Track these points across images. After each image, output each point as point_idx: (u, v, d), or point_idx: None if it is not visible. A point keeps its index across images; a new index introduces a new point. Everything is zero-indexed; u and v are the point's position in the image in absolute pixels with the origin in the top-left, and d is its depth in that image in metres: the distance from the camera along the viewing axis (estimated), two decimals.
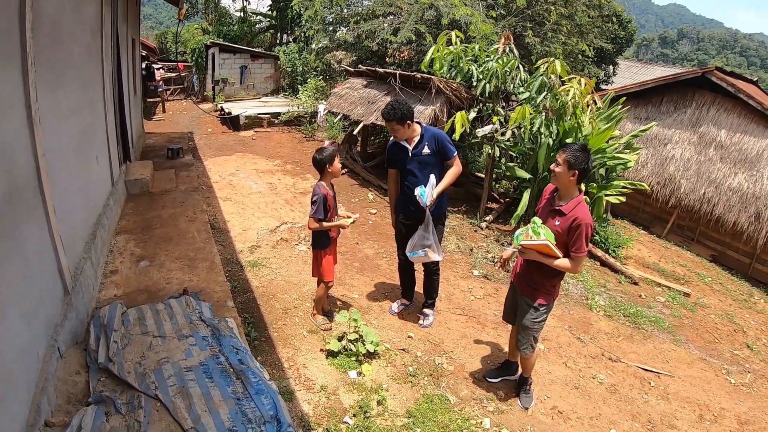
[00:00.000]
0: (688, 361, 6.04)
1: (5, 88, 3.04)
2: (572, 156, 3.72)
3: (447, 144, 4.90)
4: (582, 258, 3.79)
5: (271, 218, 8.42)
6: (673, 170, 11.92)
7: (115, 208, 6.79)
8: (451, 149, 4.92)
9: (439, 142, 4.89)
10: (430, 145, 4.90)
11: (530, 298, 4.14)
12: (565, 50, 15.88)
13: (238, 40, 26.18)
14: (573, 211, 3.77)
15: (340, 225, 4.87)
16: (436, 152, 4.91)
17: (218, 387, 3.50)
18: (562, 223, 3.79)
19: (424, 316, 5.68)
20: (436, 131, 4.99)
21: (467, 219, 9.48)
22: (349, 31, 15.79)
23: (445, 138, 4.92)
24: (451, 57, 9.64)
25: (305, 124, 16.34)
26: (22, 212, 3.19)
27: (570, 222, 3.74)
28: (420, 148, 4.93)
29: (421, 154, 4.93)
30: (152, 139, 13.11)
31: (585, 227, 3.69)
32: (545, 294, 4.10)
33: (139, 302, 4.78)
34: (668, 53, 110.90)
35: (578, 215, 3.72)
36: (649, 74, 27.41)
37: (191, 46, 26.18)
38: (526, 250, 3.93)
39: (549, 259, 3.86)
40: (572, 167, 3.73)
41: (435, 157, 4.92)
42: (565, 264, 3.82)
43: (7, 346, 2.72)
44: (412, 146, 4.97)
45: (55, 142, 4.08)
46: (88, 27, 5.68)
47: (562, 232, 3.79)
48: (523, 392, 4.61)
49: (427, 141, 4.92)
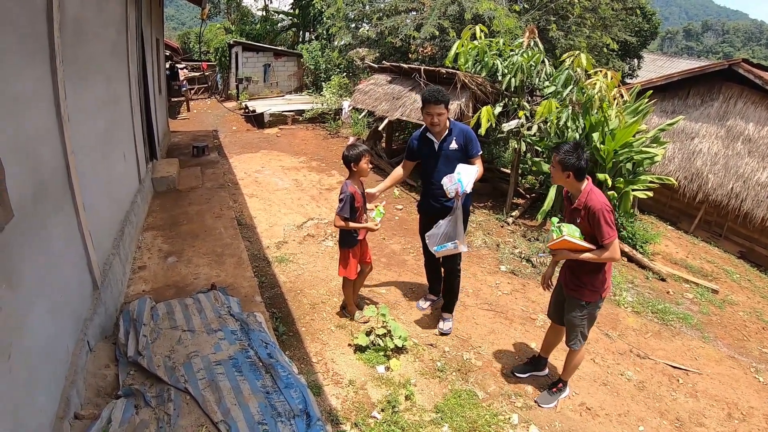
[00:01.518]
0: (716, 359, 5.92)
1: (34, 85, 3.07)
2: (563, 157, 3.70)
3: (474, 141, 4.78)
4: (612, 243, 3.69)
5: (297, 214, 8.43)
6: (701, 165, 11.69)
7: (143, 205, 6.85)
8: (477, 147, 4.81)
9: (467, 138, 4.76)
10: (458, 140, 4.77)
11: (577, 296, 4.05)
12: (590, 44, 15.74)
13: (260, 39, 26.30)
14: (584, 202, 3.73)
15: (367, 228, 4.85)
16: (463, 148, 4.77)
17: (247, 380, 3.50)
18: (582, 219, 3.77)
19: (443, 320, 5.43)
20: (465, 127, 4.84)
21: (493, 214, 9.41)
22: (371, 28, 15.80)
23: (473, 135, 4.78)
24: (475, 52, 9.56)
25: (329, 121, 16.37)
26: (51, 208, 3.21)
27: (586, 214, 3.72)
28: (448, 142, 4.79)
29: (448, 149, 4.78)
30: (177, 138, 13.22)
31: (600, 212, 3.63)
32: (592, 291, 3.99)
33: (167, 297, 4.81)
34: (693, 46, 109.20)
35: (589, 203, 3.68)
36: (674, 67, 26.99)
37: (214, 45, 26.35)
38: (555, 252, 3.95)
39: (576, 254, 3.81)
40: (566, 168, 3.72)
41: (461, 153, 4.77)
42: (597, 254, 3.74)
43: (34, 340, 2.74)
44: (439, 140, 4.82)
45: (84, 139, 4.11)
46: (113, 26, 5.73)
47: (587, 226, 3.76)
48: (549, 392, 4.50)
49: (455, 136, 4.77)
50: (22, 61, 2.88)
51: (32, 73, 3.04)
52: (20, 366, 2.51)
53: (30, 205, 2.81)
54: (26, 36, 2.93)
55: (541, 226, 8.85)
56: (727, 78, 11.87)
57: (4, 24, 2.61)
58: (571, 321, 4.15)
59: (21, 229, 2.64)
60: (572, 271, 4.05)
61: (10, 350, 2.41)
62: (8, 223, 2.41)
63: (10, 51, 2.66)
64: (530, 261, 7.49)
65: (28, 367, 2.63)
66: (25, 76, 2.90)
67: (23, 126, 2.82)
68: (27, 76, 2.94)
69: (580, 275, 3.99)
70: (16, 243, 2.58)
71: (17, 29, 2.79)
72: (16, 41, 2.75)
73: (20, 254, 2.63)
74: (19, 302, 2.58)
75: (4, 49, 2.57)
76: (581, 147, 3.74)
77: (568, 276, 4.12)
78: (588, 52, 14.09)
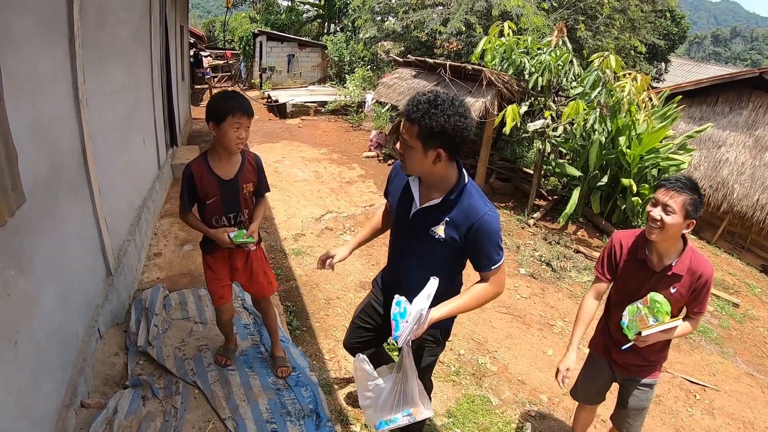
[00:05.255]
0: (734, 375, 5.75)
1: (52, 68, 3.01)
2: (692, 202, 2.56)
3: (488, 244, 2.38)
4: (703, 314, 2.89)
5: (316, 207, 8.37)
6: (727, 174, 11.46)
7: (161, 191, 6.81)
8: (493, 255, 2.40)
9: (475, 234, 2.36)
10: (456, 228, 2.39)
11: (645, 376, 3.12)
12: (617, 45, 15.56)
13: (285, 29, 26.30)
14: (691, 267, 2.70)
15: (216, 238, 3.15)
16: (463, 242, 2.41)
17: (258, 377, 3.43)
18: (681, 288, 2.74)
19: None
20: (480, 210, 2.36)
21: (515, 215, 9.28)
22: (397, 21, 15.71)
23: (490, 231, 2.36)
24: (503, 49, 9.43)
25: (352, 114, 16.34)
26: (66, 193, 3.16)
27: (693, 282, 2.71)
28: (433, 215, 2.44)
29: (427, 227, 2.45)
30: (199, 125, 13.23)
31: (711, 280, 2.73)
32: (660, 365, 3.15)
33: (182, 285, 4.77)
34: (720, 52, 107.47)
35: (701, 270, 2.69)
36: (702, 73, 26.49)
37: (239, 34, 26.43)
38: (647, 337, 2.75)
39: (670, 333, 2.79)
40: (690, 216, 2.59)
41: (455, 249, 2.46)
42: (686, 330, 2.87)
43: (43, 325, 2.68)
44: (422, 203, 2.48)
45: (102, 124, 4.06)
46: (136, 11, 5.68)
47: (681, 298, 2.76)
48: None
49: (453, 217, 2.39)
50: (41, 43, 2.82)
51: (51, 55, 2.98)
52: (28, 352, 2.46)
53: (44, 189, 2.75)
54: (45, 17, 2.87)
55: (562, 230, 8.72)
56: (757, 86, 11.67)
57: (24, 4, 2.55)
58: (641, 406, 3.21)
59: (34, 213, 2.58)
60: (641, 351, 2.94)
61: (17, 336, 2.35)
62: (20, 208, 2.35)
63: (28, 32, 2.59)
64: (550, 265, 7.36)
65: (36, 354, 2.57)
66: (43, 58, 2.84)
67: (40, 109, 2.76)
68: (45, 58, 2.88)
69: (648, 354, 2.99)
70: (28, 227, 2.52)
71: (36, 10, 2.73)
72: (34, 22, 2.68)
73: (32, 239, 2.58)
74: (29, 287, 2.53)
75: (22, 30, 2.51)
76: (697, 185, 2.65)
77: (631, 356, 3.01)
78: (615, 53, 13.90)
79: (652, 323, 2.70)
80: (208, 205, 3.03)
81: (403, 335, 2.32)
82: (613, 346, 3.09)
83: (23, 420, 2.38)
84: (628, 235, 2.93)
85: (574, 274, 7.20)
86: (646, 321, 2.72)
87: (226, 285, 3.27)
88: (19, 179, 2.30)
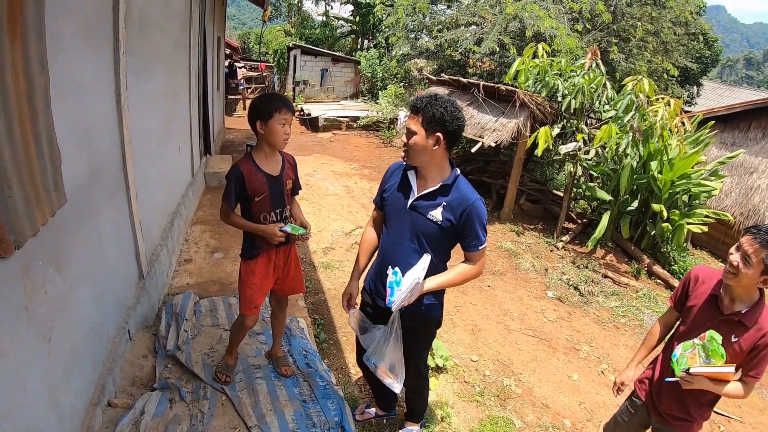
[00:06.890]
0: (760, 407, 5.60)
1: (97, 74, 3.07)
2: None
3: (478, 226, 2.76)
4: None
5: (346, 221, 8.39)
6: (758, 201, 11.19)
7: (194, 198, 6.89)
8: (480, 236, 2.78)
9: (468, 216, 2.73)
10: (452, 210, 2.75)
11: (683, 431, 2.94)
12: (650, 68, 15.45)
13: (319, 44, 26.63)
14: (760, 323, 2.53)
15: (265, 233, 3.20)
16: (456, 226, 2.77)
17: (285, 387, 3.44)
18: (743, 341, 2.55)
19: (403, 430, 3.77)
20: (472, 196, 2.77)
21: (543, 237, 9.22)
22: (430, 39, 15.78)
23: (480, 214, 2.76)
24: (536, 70, 9.41)
25: (383, 130, 16.41)
26: (104, 195, 3.22)
27: (756, 339, 2.52)
28: (431, 201, 2.78)
29: (425, 212, 2.78)
30: (232, 135, 13.38)
31: None
32: (700, 423, 2.91)
33: (211, 292, 4.80)
34: (753, 75, 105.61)
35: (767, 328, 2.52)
36: (735, 97, 26.15)
37: (273, 47, 26.76)
38: (693, 378, 2.56)
39: (719, 385, 2.58)
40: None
41: (447, 232, 2.79)
42: (736, 392, 2.62)
43: (77, 324, 2.73)
44: (419, 191, 2.82)
45: (142, 130, 4.13)
46: (177, 21, 5.78)
47: (740, 352, 2.57)
48: None
49: (449, 200, 2.76)
50: (87, 49, 2.88)
51: (95, 61, 3.04)
52: (61, 349, 2.50)
53: (84, 192, 2.80)
54: (91, 24, 2.94)
55: (591, 254, 8.63)
56: None
57: (71, 10, 2.61)
58: None
59: (73, 214, 2.63)
60: (680, 398, 2.81)
61: (51, 333, 2.39)
62: (61, 208, 2.40)
63: (74, 37, 2.66)
64: (578, 289, 7.27)
65: (69, 351, 2.61)
66: (88, 64, 2.90)
67: (83, 113, 2.82)
68: (90, 64, 2.94)
69: (690, 405, 2.81)
70: (67, 227, 2.57)
71: (83, 18, 2.80)
72: (80, 28, 2.75)
73: (70, 239, 2.63)
74: (65, 286, 2.57)
75: (69, 36, 2.57)
76: None
77: (674, 405, 2.86)
78: (648, 76, 13.78)
79: (702, 359, 2.58)
80: (256, 203, 3.12)
81: (398, 301, 2.71)
82: (656, 391, 2.96)
83: (52, 414, 2.41)
84: (708, 271, 2.84)
85: (602, 299, 7.11)
86: (696, 359, 2.59)
87: (264, 294, 3.34)
88: (61, 180, 2.34)
